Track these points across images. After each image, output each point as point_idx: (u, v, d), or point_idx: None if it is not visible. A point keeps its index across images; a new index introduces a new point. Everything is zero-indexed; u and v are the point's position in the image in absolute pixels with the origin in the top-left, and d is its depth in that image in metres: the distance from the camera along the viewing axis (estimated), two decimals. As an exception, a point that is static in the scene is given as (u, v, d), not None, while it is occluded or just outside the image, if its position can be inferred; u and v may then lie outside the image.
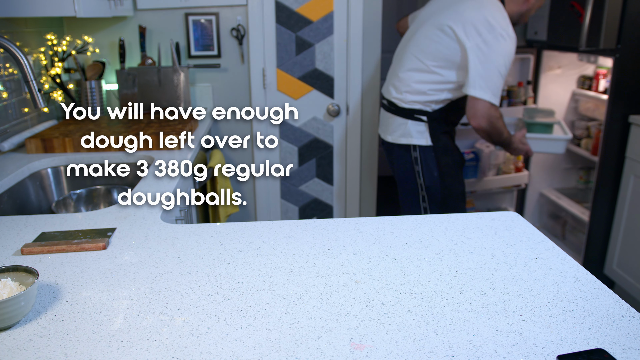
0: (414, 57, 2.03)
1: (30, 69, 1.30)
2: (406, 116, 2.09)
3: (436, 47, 1.96)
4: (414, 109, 2.06)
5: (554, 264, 0.94)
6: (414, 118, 2.06)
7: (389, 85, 2.18)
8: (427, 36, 1.99)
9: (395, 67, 2.16)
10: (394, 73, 2.15)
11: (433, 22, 2.00)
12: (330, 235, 1.07)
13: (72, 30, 2.43)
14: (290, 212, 2.87)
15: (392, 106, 2.14)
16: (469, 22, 1.88)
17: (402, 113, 2.10)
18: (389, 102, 2.16)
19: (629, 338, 0.72)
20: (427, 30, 2.00)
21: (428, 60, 1.99)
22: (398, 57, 2.17)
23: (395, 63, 2.18)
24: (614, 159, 2.48)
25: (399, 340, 0.72)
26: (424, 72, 2.01)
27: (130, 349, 0.70)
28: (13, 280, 0.80)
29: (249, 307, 0.80)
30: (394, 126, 2.14)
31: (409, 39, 2.12)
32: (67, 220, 1.17)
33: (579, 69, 2.95)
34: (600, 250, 2.63)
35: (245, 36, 2.55)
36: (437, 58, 1.97)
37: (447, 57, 1.95)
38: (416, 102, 2.05)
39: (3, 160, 1.69)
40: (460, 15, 1.91)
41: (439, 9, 2.05)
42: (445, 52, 1.95)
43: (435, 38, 1.96)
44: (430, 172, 2.10)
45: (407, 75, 2.05)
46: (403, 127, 2.10)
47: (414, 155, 2.11)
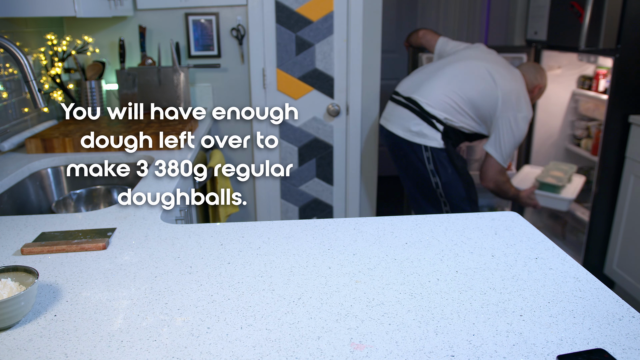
0: (452, 92, 2.20)
1: (30, 69, 1.30)
2: (425, 119, 2.20)
3: (476, 96, 2.20)
4: (434, 116, 2.20)
5: (554, 264, 0.94)
6: (431, 123, 2.20)
7: (416, 87, 2.27)
8: (475, 77, 2.21)
9: (430, 80, 2.26)
10: (427, 83, 2.25)
11: (483, 65, 2.23)
12: (330, 235, 1.07)
13: (72, 30, 2.43)
14: (290, 212, 2.87)
15: (414, 104, 2.23)
16: (507, 94, 2.17)
17: (422, 115, 2.21)
18: (410, 99, 2.25)
19: (629, 338, 0.72)
20: (476, 72, 2.22)
21: (464, 104, 2.20)
22: (435, 71, 2.28)
23: (430, 74, 2.29)
24: (614, 159, 2.48)
25: (399, 340, 0.72)
26: (455, 109, 2.21)
27: (130, 349, 0.70)
28: (13, 280, 0.80)
29: (249, 307, 0.80)
30: (410, 124, 2.23)
31: (449, 64, 2.28)
32: (67, 220, 1.17)
33: (579, 69, 2.95)
34: (600, 250, 2.63)
35: (245, 36, 2.55)
36: (472, 107, 2.21)
37: (481, 113, 2.22)
38: (439, 114, 2.21)
39: (3, 160, 1.69)
40: (502, 84, 2.18)
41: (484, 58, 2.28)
42: (482, 107, 2.21)
43: (482, 85, 2.19)
44: (445, 169, 2.22)
45: (439, 96, 2.21)
46: (419, 128, 2.21)
47: (425, 155, 2.23)
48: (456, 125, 2.22)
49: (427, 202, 2.33)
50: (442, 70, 2.26)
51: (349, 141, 2.75)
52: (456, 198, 2.26)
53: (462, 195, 2.27)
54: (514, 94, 2.19)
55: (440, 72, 2.26)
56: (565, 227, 3.07)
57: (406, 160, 2.30)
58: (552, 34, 2.77)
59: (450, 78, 2.22)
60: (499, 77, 2.19)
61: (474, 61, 2.26)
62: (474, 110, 2.21)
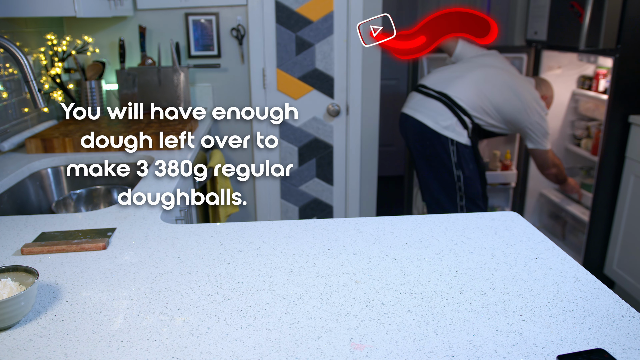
0: (482, 94, 2.35)
1: (30, 69, 1.30)
2: (456, 114, 2.32)
3: (502, 103, 2.36)
4: (466, 112, 2.33)
5: (554, 264, 0.94)
6: (462, 120, 2.33)
7: (447, 83, 2.37)
8: (498, 87, 2.36)
9: (461, 79, 2.38)
10: (459, 82, 2.36)
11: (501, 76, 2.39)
12: (330, 235, 1.07)
13: (72, 30, 2.43)
14: (290, 212, 2.87)
15: (446, 99, 2.34)
16: (529, 102, 2.36)
17: (454, 110, 2.32)
18: (442, 94, 2.36)
19: (629, 338, 0.72)
20: (498, 82, 2.38)
21: (492, 107, 2.36)
22: (465, 73, 2.40)
23: (460, 74, 2.41)
24: (614, 159, 2.48)
25: (399, 340, 0.72)
26: (484, 110, 2.37)
27: (130, 349, 0.70)
28: (13, 280, 0.80)
29: (249, 307, 0.80)
30: (441, 117, 2.34)
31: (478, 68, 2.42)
32: (67, 220, 1.17)
33: (579, 69, 2.95)
34: (600, 250, 2.63)
35: (245, 36, 2.55)
36: (498, 112, 2.38)
37: (507, 118, 2.40)
38: (470, 111, 2.34)
39: (3, 160, 1.69)
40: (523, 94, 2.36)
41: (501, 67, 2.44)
42: (507, 114, 2.38)
43: (505, 95, 2.36)
44: (467, 164, 2.36)
45: (471, 96, 2.35)
46: (449, 122, 2.33)
47: (451, 148, 2.35)
48: (483, 124, 2.38)
49: (444, 195, 2.43)
50: (471, 73, 2.38)
51: (349, 141, 2.75)
52: (474, 193, 2.39)
53: (479, 191, 2.41)
54: (534, 99, 2.37)
55: (470, 73, 2.38)
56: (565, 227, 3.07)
57: (432, 150, 2.40)
58: (552, 34, 2.77)
59: (480, 81, 2.35)
60: (520, 89, 2.36)
61: (498, 70, 2.40)
62: (500, 115, 2.38)
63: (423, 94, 2.43)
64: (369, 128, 2.75)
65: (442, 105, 2.34)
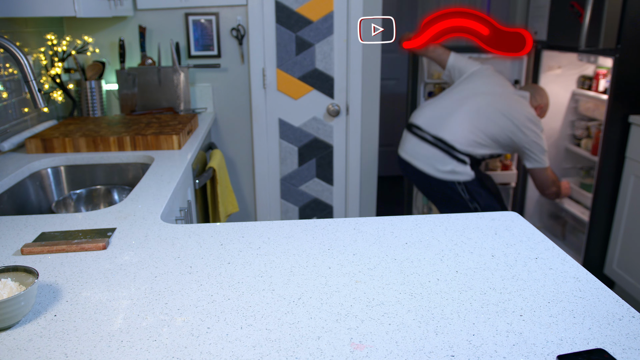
0: (476, 128, 2.35)
1: (30, 69, 1.30)
2: (454, 157, 2.34)
3: (497, 131, 2.36)
4: (463, 152, 2.34)
5: (554, 264, 0.94)
6: (460, 160, 2.35)
7: (441, 124, 2.37)
8: (490, 118, 2.35)
9: (453, 116, 2.37)
10: (452, 121, 2.36)
11: (492, 103, 2.37)
12: (330, 235, 1.07)
13: (72, 30, 2.43)
14: (290, 212, 2.87)
15: (442, 143, 2.35)
16: (523, 123, 2.34)
17: (451, 153, 2.34)
18: (437, 138, 2.37)
19: (629, 338, 0.72)
20: (489, 111, 2.36)
21: (487, 138, 2.36)
22: (456, 108, 2.38)
23: (451, 110, 2.39)
24: (614, 159, 2.48)
25: (399, 340, 0.72)
26: (480, 143, 2.37)
27: (130, 349, 0.70)
28: (13, 280, 0.80)
29: (249, 307, 0.80)
30: (440, 164, 2.36)
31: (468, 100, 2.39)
32: (67, 220, 1.17)
33: (579, 69, 2.95)
34: (600, 250, 2.63)
35: (245, 36, 2.55)
36: (494, 140, 2.37)
37: (503, 143, 2.39)
38: (467, 149, 2.35)
39: (3, 160, 1.69)
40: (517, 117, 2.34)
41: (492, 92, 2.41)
42: (503, 139, 2.37)
43: (498, 123, 2.35)
44: (479, 195, 2.39)
45: (465, 134, 2.35)
46: (450, 167, 2.36)
47: (459, 187, 2.39)
48: (480, 155, 2.40)
49: None
50: (464, 107, 2.37)
51: (349, 141, 2.75)
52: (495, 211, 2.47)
53: (498, 209, 2.44)
54: (528, 119, 2.36)
55: (463, 108, 2.37)
56: (565, 227, 3.07)
57: (442, 194, 2.45)
58: (552, 34, 2.77)
59: (473, 116, 2.34)
60: (513, 112, 2.34)
61: (489, 98, 2.38)
62: (496, 142, 2.38)
63: (418, 138, 2.43)
64: (369, 128, 2.75)
65: (439, 152, 2.36)
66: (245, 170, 2.78)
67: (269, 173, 2.78)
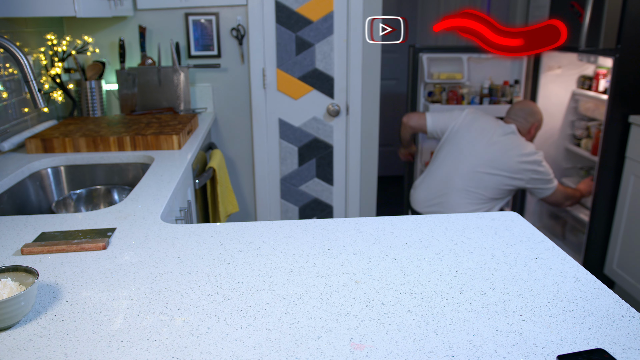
0: (474, 195, 2.37)
1: (30, 69, 1.30)
2: None
3: (497, 191, 2.38)
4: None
5: (554, 264, 0.94)
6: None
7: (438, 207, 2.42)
8: (492, 184, 2.36)
9: (450, 196, 2.39)
10: (449, 200, 2.38)
11: (486, 161, 2.35)
12: (330, 235, 1.07)
13: (72, 30, 2.43)
14: (290, 212, 2.87)
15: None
16: (519, 168, 2.33)
17: None
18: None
19: (629, 338, 0.72)
20: (485, 179, 2.36)
21: (488, 197, 2.38)
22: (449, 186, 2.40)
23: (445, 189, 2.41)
24: (614, 159, 2.48)
25: (399, 340, 0.72)
26: (484, 204, 2.39)
27: (130, 349, 0.70)
28: (13, 280, 0.80)
29: (249, 307, 0.80)
30: None
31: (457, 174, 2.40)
32: (67, 220, 1.17)
33: (579, 69, 2.95)
34: (600, 250, 2.63)
35: (245, 36, 2.55)
36: (498, 193, 2.39)
37: (509, 191, 2.40)
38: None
39: (3, 160, 1.69)
40: (507, 165, 2.33)
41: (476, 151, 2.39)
42: (506, 189, 2.39)
43: (494, 183, 2.36)
44: None
45: (466, 207, 2.37)
46: None
47: None
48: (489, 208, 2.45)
49: None
50: (456, 185, 2.38)
51: (349, 141, 2.75)
52: None
53: None
54: (519, 162, 2.33)
55: (456, 186, 2.38)
56: (565, 227, 3.07)
57: None
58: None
59: (470, 190, 2.37)
60: (505, 163, 2.33)
61: (478, 164, 2.36)
62: (500, 194, 2.40)
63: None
64: (369, 128, 2.74)
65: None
66: (245, 170, 2.78)
67: (269, 173, 2.78)
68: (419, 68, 3.05)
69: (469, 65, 3.09)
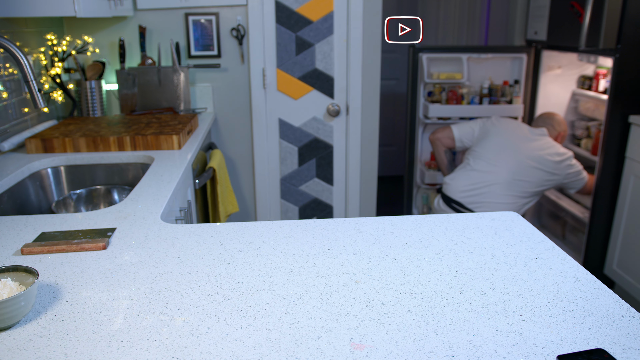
0: (517, 192, 2.48)
1: (30, 69, 1.30)
2: None
3: (536, 187, 2.50)
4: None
5: (554, 264, 0.94)
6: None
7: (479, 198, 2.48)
8: (529, 181, 2.48)
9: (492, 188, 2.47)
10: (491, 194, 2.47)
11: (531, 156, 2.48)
12: (330, 235, 1.07)
13: (72, 30, 2.43)
14: (290, 212, 2.87)
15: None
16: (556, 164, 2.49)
17: None
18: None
19: (629, 338, 0.72)
20: (527, 176, 2.48)
21: (530, 194, 2.51)
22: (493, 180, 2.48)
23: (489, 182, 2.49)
24: (614, 159, 2.48)
25: (399, 340, 0.72)
26: (525, 202, 2.52)
27: (130, 349, 0.70)
28: (13, 280, 0.80)
29: (249, 307, 0.80)
30: None
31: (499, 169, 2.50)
32: (67, 220, 1.17)
33: (579, 69, 2.95)
34: (600, 250, 2.63)
35: (245, 36, 2.55)
36: (537, 190, 2.52)
37: (546, 188, 2.55)
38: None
39: (3, 160, 1.69)
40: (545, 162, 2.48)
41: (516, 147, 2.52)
42: (545, 186, 2.53)
43: (533, 178, 2.48)
44: None
45: (509, 205, 2.48)
46: None
47: None
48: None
49: None
50: (499, 174, 2.47)
51: (349, 141, 2.75)
52: None
53: None
54: (558, 158, 2.48)
55: (500, 178, 2.47)
56: (565, 227, 3.07)
57: None
58: (552, 34, 2.77)
59: (514, 178, 2.48)
60: (546, 160, 2.47)
61: (522, 153, 2.49)
62: (537, 191, 2.52)
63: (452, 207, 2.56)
64: (369, 128, 2.74)
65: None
66: (245, 170, 2.78)
67: (269, 173, 2.78)
68: (419, 68, 3.05)
69: (468, 65, 3.09)
